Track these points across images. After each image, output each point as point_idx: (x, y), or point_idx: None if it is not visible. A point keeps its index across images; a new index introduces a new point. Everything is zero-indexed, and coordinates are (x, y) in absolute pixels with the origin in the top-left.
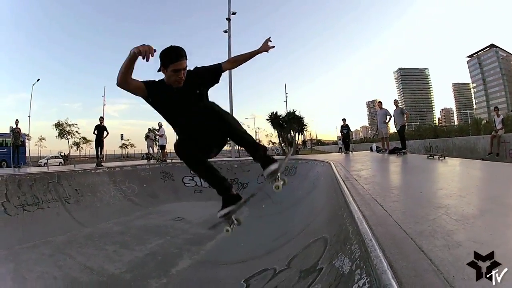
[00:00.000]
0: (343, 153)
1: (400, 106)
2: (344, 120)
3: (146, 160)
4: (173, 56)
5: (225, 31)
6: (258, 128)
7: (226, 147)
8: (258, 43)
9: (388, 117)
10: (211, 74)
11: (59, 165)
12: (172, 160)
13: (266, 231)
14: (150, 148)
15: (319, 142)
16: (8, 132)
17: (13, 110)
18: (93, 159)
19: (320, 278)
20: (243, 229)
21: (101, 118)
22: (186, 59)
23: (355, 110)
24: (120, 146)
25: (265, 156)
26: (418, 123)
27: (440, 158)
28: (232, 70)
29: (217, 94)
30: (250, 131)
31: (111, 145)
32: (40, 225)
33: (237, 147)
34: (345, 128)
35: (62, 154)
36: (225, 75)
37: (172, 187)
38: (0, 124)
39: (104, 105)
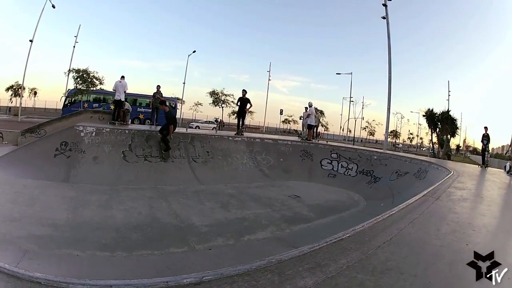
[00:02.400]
0: (479, 166)
1: None
2: (486, 128)
3: (298, 137)
4: None
5: (383, 17)
6: (420, 124)
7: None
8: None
9: None
10: None
11: (212, 129)
12: (318, 141)
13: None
14: (303, 127)
15: (475, 151)
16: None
17: (172, 75)
18: (250, 129)
19: None
20: (343, 222)
21: (244, 91)
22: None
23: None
24: (283, 121)
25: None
26: None
27: None
28: (390, 56)
29: (378, 78)
30: (412, 127)
31: (274, 119)
32: (157, 174)
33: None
34: (485, 138)
35: (218, 120)
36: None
37: (308, 166)
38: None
39: (269, 80)
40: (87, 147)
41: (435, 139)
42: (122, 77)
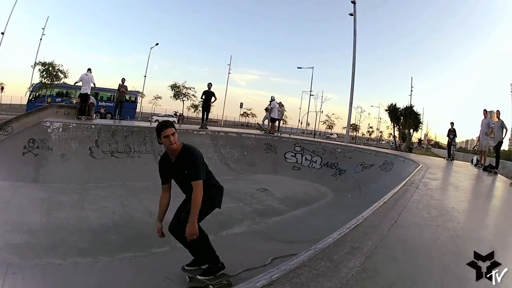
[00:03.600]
0: (445, 159)
1: (501, 119)
2: (452, 123)
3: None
4: (161, 127)
5: (351, 14)
6: (380, 118)
7: (338, 130)
8: (384, 25)
9: (490, 128)
10: (188, 171)
11: None
12: (280, 134)
13: (333, 220)
14: (266, 120)
15: (437, 145)
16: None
17: (135, 68)
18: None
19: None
20: (314, 214)
21: (209, 84)
22: (172, 128)
23: (476, 117)
24: (241, 115)
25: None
26: None
27: None
28: (355, 52)
29: (344, 75)
30: (373, 120)
31: (232, 113)
32: (124, 171)
33: (356, 134)
34: (451, 132)
35: (178, 114)
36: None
37: (272, 160)
38: (116, 81)
39: (229, 73)
40: (54, 144)
41: (397, 133)
42: (89, 69)
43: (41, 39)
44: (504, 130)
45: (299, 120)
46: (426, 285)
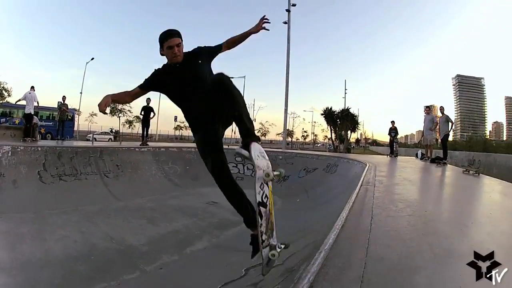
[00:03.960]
0: (388, 156)
1: (446, 114)
2: (393, 122)
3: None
4: (165, 36)
5: (285, 22)
6: (315, 122)
7: (272, 137)
8: (317, 33)
9: (435, 123)
10: (208, 52)
11: (108, 141)
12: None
13: (290, 225)
14: None
15: (374, 143)
16: (56, 106)
17: (67, 85)
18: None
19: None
20: None
21: (148, 99)
22: (178, 37)
23: (412, 113)
24: (175, 128)
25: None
26: (470, 133)
27: (475, 175)
28: (289, 59)
29: (278, 78)
30: (307, 125)
31: (166, 126)
32: (74, 195)
33: (291, 139)
34: (393, 130)
35: (114, 130)
36: (282, 62)
37: None
38: (52, 98)
39: None
40: (6, 169)
41: (333, 135)
42: (32, 87)
43: None
44: (450, 123)
45: (233, 130)
46: (423, 259)
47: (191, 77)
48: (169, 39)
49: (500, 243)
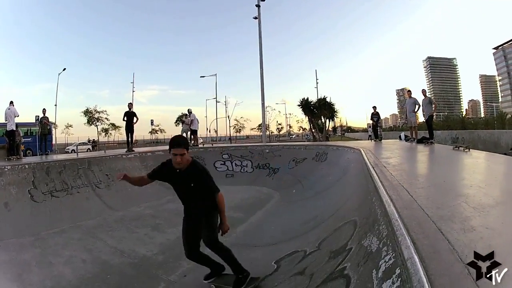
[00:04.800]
0: (372, 140)
1: (428, 96)
2: (374, 107)
3: None
4: (173, 144)
5: (255, 18)
6: (290, 113)
7: (257, 133)
8: (286, 27)
9: (417, 106)
10: (203, 187)
11: (87, 151)
12: (203, 144)
13: (297, 215)
14: (184, 133)
15: (349, 129)
16: (34, 121)
17: (39, 99)
18: (122, 144)
19: (349, 257)
20: (274, 213)
21: (130, 104)
22: (184, 148)
23: (384, 98)
24: (150, 132)
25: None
26: (446, 113)
27: (465, 150)
28: (262, 53)
29: (249, 74)
30: (281, 117)
31: (140, 131)
32: (69, 210)
33: (267, 133)
34: (375, 116)
35: (91, 140)
36: (255, 56)
37: None
38: (26, 113)
39: (133, 91)
40: None
41: (312, 125)
42: (11, 102)
43: None
44: (433, 105)
45: (207, 128)
46: (469, 211)
47: (184, 186)
48: (176, 148)
49: None
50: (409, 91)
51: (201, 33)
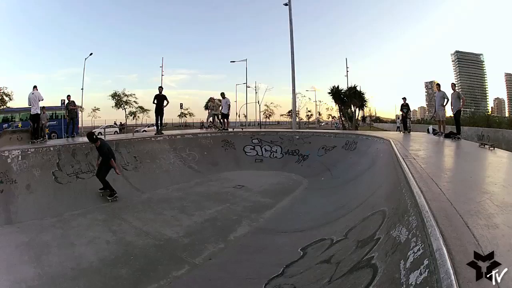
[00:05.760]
0: (401, 132)
1: (457, 90)
2: (404, 99)
3: (204, 129)
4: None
5: (286, 4)
6: (320, 101)
7: (287, 119)
8: (318, 15)
9: (446, 100)
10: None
11: (114, 134)
12: (233, 129)
13: (324, 203)
14: (211, 118)
15: (378, 120)
16: (60, 105)
17: (66, 84)
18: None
19: (377, 247)
20: (301, 200)
21: (161, 88)
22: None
23: (413, 90)
24: (179, 115)
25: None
26: (472, 109)
27: (490, 148)
28: (293, 39)
29: (279, 61)
30: (311, 104)
31: (169, 114)
32: (95, 192)
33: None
34: (405, 107)
35: (118, 123)
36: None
37: (233, 156)
38: (52, 98)
39: (162, 75)
40: (17, 175)
41: (342, 114)
42: (35, 87)
43: None
44: (461, 100)
45: (237, 113)
46: (493, 209)
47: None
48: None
49: None
50: (438, 84)
51: (232, 22)
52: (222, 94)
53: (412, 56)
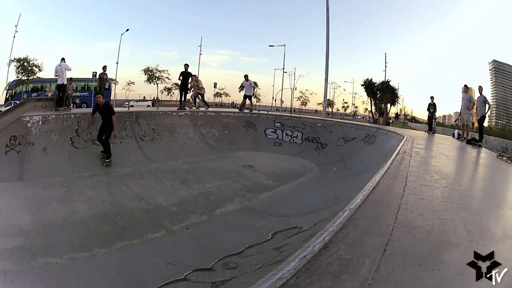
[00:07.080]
0: (426, 132)
1: (483, 94)
2: (432, 98)
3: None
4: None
5: None
6: (356, 93)
7: (313, 107)
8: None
9: (472, 103)
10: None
11: (146, 107)
12: (259, 111)
13: (323, 192)
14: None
15: (413, 119)
16: (91, 77)
17: (103, 58)
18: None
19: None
20: (304, 187)
21: (186, 65)
22: (100, 96)
23: (451, 94)
24: (214, 95)
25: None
26: (504, 122)
27: (508, 161)
28: (329, 26)
29: (315, 53)
30: (348, 96)
31: (206, 93)
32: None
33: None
34: (432, 106)
35: (153, 98)
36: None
37: (253, 137)
38: (87, 70)
39: (200, 54)
40: (35, 138)
41: (373, 108)
42: (62, 59)
43: (14, 36)
44: (487, 105)
45: (273, 98)
46: (456, 235)
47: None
48: (97, 96)
49: None
50: (465, 85)
51: (268, 5)
52: (246, 76)
53: (450, 60)
